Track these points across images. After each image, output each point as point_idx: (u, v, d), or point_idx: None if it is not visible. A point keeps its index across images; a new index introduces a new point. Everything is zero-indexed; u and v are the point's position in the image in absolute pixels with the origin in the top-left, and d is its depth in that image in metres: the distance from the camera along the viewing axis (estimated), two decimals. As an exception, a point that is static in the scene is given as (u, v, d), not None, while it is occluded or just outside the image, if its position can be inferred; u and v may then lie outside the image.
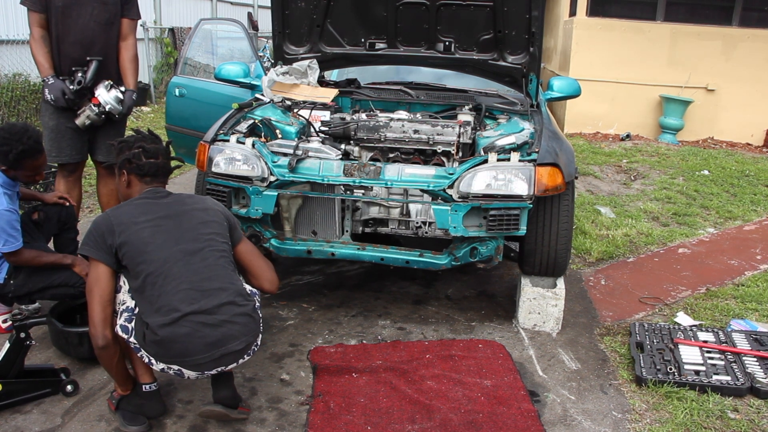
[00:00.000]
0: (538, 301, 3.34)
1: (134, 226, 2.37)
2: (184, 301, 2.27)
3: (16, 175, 2.96)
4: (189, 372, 2.31)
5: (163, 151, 2.59)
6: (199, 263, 2.35)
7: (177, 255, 2.34)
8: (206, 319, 2.27)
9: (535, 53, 3.71)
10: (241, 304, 2.36)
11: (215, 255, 2.41)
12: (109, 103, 3.64)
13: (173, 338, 2.24)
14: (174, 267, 2.32)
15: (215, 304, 2.30)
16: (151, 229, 2.37)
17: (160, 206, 2.46)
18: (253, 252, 2.66)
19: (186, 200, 2.55)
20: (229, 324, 2.31)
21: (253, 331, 2.40)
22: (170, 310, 2.26)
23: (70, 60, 3.63)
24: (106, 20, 3.68)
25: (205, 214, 2.50)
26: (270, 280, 2.64)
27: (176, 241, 2.38)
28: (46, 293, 3.06)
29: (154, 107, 9.95)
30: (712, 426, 2.61)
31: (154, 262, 2.32)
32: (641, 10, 9.18)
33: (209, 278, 2.34)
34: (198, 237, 2.41)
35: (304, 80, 4.02)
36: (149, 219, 2.40)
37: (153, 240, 2.35)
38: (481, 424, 2.54)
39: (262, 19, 13.68)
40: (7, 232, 2.84)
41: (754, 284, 4.05)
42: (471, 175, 2.98)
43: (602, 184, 6.50)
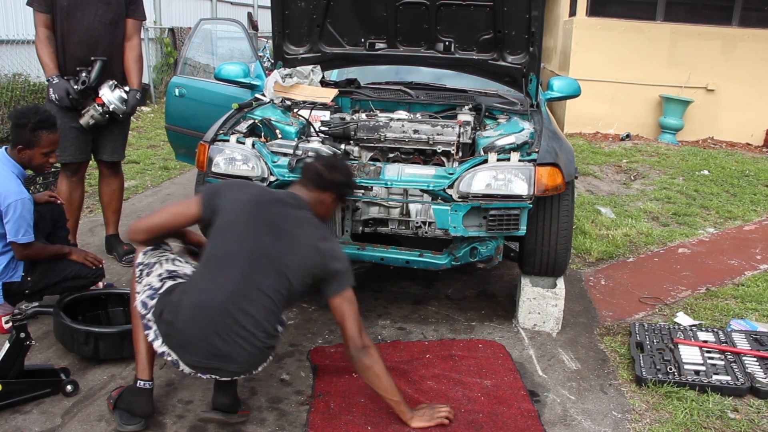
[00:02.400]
0: (538, 301, 3.34)
1: (237, 208, 2.37)
2: (215, 302, 2.25)
3: (31, 156, 3.00)
4: (184, 366, 2.30)
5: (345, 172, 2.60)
6: (255, 283, 2.28)
7: (243, 260, 2.29)
8: (222, 330, 2.24)
9: (535, 53, 3.70)
10: (260, 339, 2.30)
11: (274, 288, 2.31)
12: (113, 103, 3.66)
13: (185, 329, 2.24)
14: (231, 266, 2.29)
15: (239, 324, 2.25)
16: (245, 221, 2.35)
17: (278, 214, 2.40)
18: (343, 312, 2.41)
19: (302, 228, 2.42)
20: (239, 348, 2.26)
21: (256, 363, 2.35)
22: (197, 303, 2.25)
23: (75, 60, 3.64)
24: (110, 20, 3.69)
25: (304, 259, 2.36)
26: (351, 344, 2.41)
27: (255, 249, 2.32)
28: (60, 287, 3.16)
29: (154, 107, 9.95)
30: (712, 426, 2.61)
31: (224, 241, 2.32)
32: (641, 9, 9.18)
33: (251, 300, 2.27)
34: (275, 263, 2.32)
35: (306, 81, 4.02)
36: (258, 215, 2.37)
37: (239, 232, 2.33)
38: (481, 424, 2.54)
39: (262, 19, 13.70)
40: (27, 222, 2.93)
41: (754, 284, 4.05)
42: (471, 175, 2.98)
43: (602, 184, 6.50)
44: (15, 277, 3.03)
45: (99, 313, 3.21)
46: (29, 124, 2.93)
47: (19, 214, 2.88)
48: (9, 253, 3.00)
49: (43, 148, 3.00)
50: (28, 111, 2.98)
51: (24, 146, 2.97)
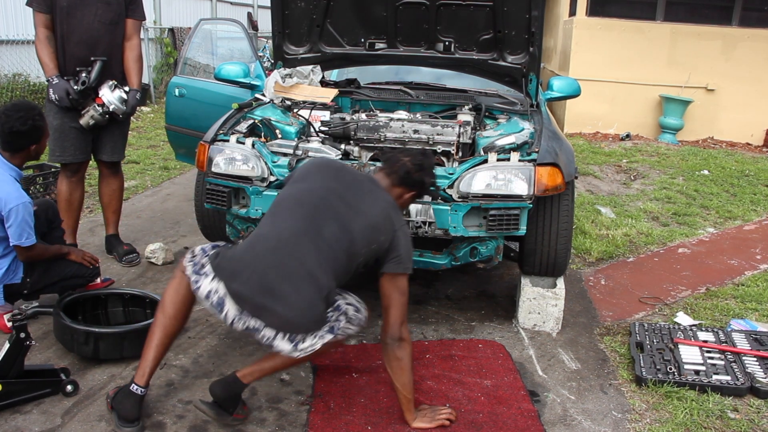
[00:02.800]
0: (538, 301, 3.34)
1: (312, 168, 2.49)
2: (273, 235, 2.27)
3: (38, 148, 3.06)
4: (228, 306, 2.20)
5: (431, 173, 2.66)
6: (318, 226, 2.28)
7: (311, 204, 2.34)
8: (277, 262, 2.21)
9: (535, 53, 3.70)
10: (317, 286, 2.23)
11: (335, 236, 2.28)
12: (113, 103, 3.66)
13: (239, 256, 2.25)
14: (297, 208, 2.33)
15: (295, 259, 2.22)
16: (318, 175, 2.43)
17: (354, 177, 2.47)
18: (392, 294, 2.39)
19: (376, 195, 2.45)
20: (291, 288, 2.19)
21: (308, 319, 2.22)
22: (256, 236, 2.29)
23: (75, 60, 3.64)
24: (110, 20, 3.69)
25: (373, 217, 2.37)
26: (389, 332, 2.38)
27: (323, 196, 2.35)
28: (58, 286, 3.19)
29: (154, 107, 9.95)
30: (712, 426, 2.61)
31: (288, 195, 2.39)
32: (641, 9, 9.18)
33: (311, 240, 2.26)
34: (342, 212, 2.33)
35: (306, 81, 4.02)
36: (329, 173, 2.45)
37: (311, 182, 2.40)
38: (481, 424, 2.54)
39: (262, 19, 13.70)
40: (30, 225, 2.95)
41: (754, 284, 4.05)
42: (471, 175, 2.99)
43: (602, 184, 6.50)
44: (15, 279, 3.04)
45: (99, 313, 3.21)
46: (36, 122, 2.98)
47: (21, 218, 2.88)
48: (10, 256, 3.00)
49: (45, 135, 3.09)
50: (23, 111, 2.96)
51: (35, 143, 3.02)
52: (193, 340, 3.15)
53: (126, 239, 4.22)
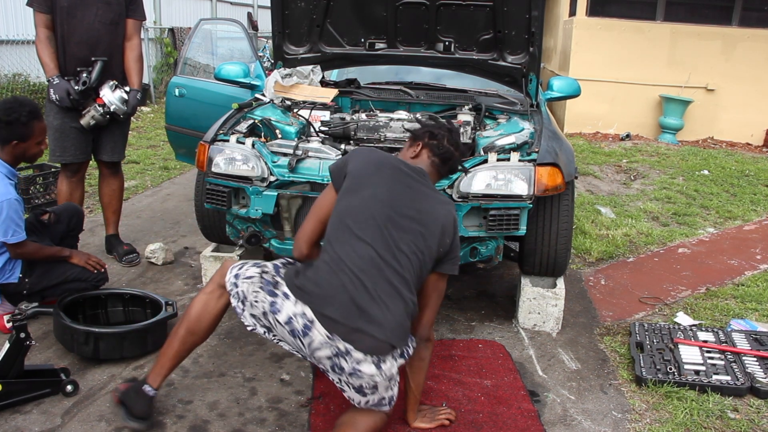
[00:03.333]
0: (538, 301, 3.34)
1: (372, 168, 2.31)
2: (357, 254, 2.15)
3: (26, 149, 3.01)
4: (315, 332, 2.11)
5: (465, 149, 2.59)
6: (394, 240, 2.18)
7: (383, 215, 2.21)
8: (368, 283, 2.12)
9: (535, 53, 3.70)
10: (405, 300, 2.17)
11: (412, 248, 2.20)
12: (113, 104, 3.67)
13: (326, 278, 2.13)
14: (370, 220, 2.20)
15: (385, 278, 2.13)
16: (383, 179, 2.28)
17: (410, 178, 2.33)
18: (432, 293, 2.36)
19: (436, 196, 2.37)
20: (384, 307, 2.11)
21: (398, 335, 2.16)
22: (338, 257, 2.15)
23: (76, 60, 3.65)
24: (111, 20, 3.70)
25: (443, 217, 2.30)
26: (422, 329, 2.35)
27: (392, 206, 2.23)
28: (59, 289, 3.16)
29: (153, 107, 9.95)
30: (712, 426, 2.61)
31: (363, 199, 2.24)
32: (641, 9, 9.19)
33: (393, 255, 2.17)
34: (413, 221, 2.24)
35: (306, 81, 4.02)
36: (391, 176, 2.30)
37: (374, 186, 2.26)
38: (481, 424, 2.54)
39: (262, 19, 13.70)
40: (15, 222, 2.91)
41: (754, 284, 4.05)
42: (471, 175, 2.98)
43: (602, 184, 6.50)
44: (12, 278, 3.03)
45: (99, 313, 3.21)
46: (21, 117, 2.93)
47: (6, 215, 2.86)
48: (5, 255, 3.00)
49: (36, 137, 3.02)
50: (14, 104, 2.96)
51: (18, 140, 2.97)
52: (193, 340, 3.15)
53: (126, 239, 4.22)
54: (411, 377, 2.41)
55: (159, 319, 3.01)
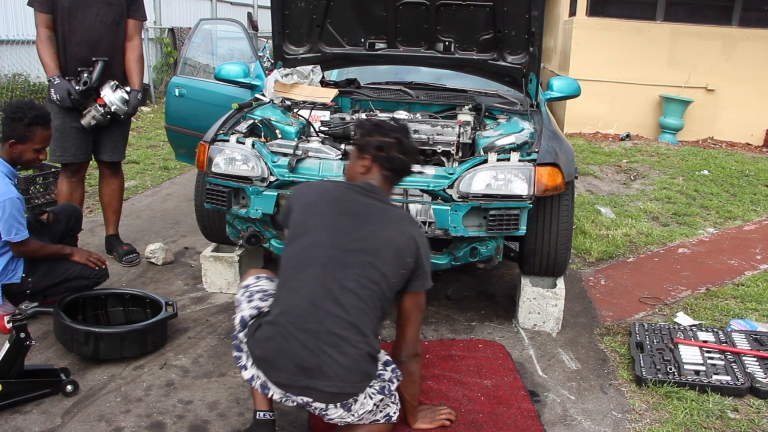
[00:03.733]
0: (538, 301, 3.34)
1: (308, 208, 2.23)
2: (295, 308, 2.08)
3: (22, 151, 3.00)
4: (273, 388, 2.13)
5: (415, 151, 2.38)
6: (338, 281, 2.09)
7: (324, 260, 2.11)
8: (308, 340, 2.05)
9: (535, 53, 3.70)
10: (354, 345, 2.07)
11: (361, 283, 2.10)
12: (114, 104, 3.67)
13: (268, 343, 2.09)
14: (311, 268, 2.11)
15: (324, 329, 2.05)
16: (321, 219, 2.19)
17: (352, 206, 2.22)
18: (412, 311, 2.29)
19: (389, 214, 2.24)
20: (328, 359, 2.04)
21: (354, 381, 2.09)
22: (278, 312, 2.11)
23: (76, 60, 3.65)
24: (111, 21, 3.71)
25: (395, 237, 2.17)
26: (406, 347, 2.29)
27: (335, 245, 2.14)
28: (62, 287, 3.16)
29: (154, 107, 9.95)
30: (712, 426, 2.61)
31: (300, 250, 2.16)
32: (641, 10, 9.18)
33: (336, 300, 2.08)
34: (359, 256, 2.12)
35: (306, 81, 4.02)
36: (330, 210, 2.21)
37: (314, 230, 2.17)
38: (481, 424, 2.54)
39: (262, 19, 13.70)
40: (18, 221, 2.92)
41: (754, 284, 4.05)
42: (471, 175, 2.98)
43: (602, 184, 6.50)
44: (15, 278, 3.03)
45: (99, 313, 3.21)
46: (25, 119, 2.93)
47: (9, 213, 2.87)
48: (7, 255, 3.00)
49: (35, 144, 3.01)
50: (23, 105, 2.98)
51: (17, 141, 2.97)
52: (193, 340, 3.15)
53: (126, 239, 4.22)
54: (403, 390, 2.38)
55: (159, 319, 3.01)
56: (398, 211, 2.33)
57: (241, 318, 2.25)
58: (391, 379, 2.26)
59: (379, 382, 2.22)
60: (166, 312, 3.05)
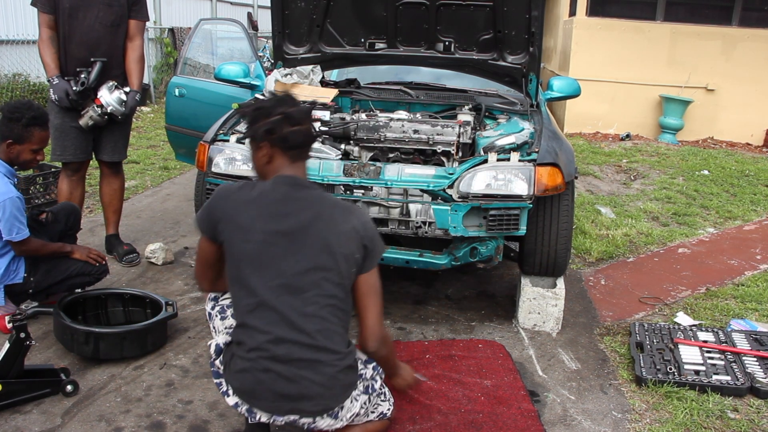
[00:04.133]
0: (538, 301, 3.34)
1: (244, 234, 2.07)
2: (265, 344, 2.03)
3: (20, 152, 3.00)
4: (258, 414, 2.10)
5: (308, 115, 2.18)
6: (295, 308, 2.03)
7: (275, 291, 2.03)
8: (282, 369, 2.02)
9: (535, 53, 3.70)
10: (328, 364, 2.05)
11: (319, 301, 2.05)
12: (110, 105, 3.68)
13: (244, 375, 2.06)
14: (266, 304, 2.03)
15: (296, 357, 2.02)
16: (259, 246, 2.05)
17: (286, 213, 2.08)
18: (368, 293, 2.18)
19: (324, 211, 2.10)
20: (307, 381, 2.03)
21: (334, 397, 2.08)
22: (250, 348, 2.05)
23: (76, 61, 3.66)
24: (111, 22, 3.71)
25: (337, 241, 2.06)
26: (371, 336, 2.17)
27: (281, 272, 2.03)
28: (64, 285, 3.17)
29: (154, 107, 9.95)
30: (712, 426, 2.61)
31: (248, 288, 2.05)
32: (641, 10, 9.19)
33: (299, 329, 2.03)
34: (309, 273, 2.04)
35: (306, 81, 4.02)
36: (265, 230, 2.06)
37: (257, 263, 2.05)
38: (481, 424, 2.54)
39: (262, 19, 13.70)
40: (19, 220, 2.92)
41: (754, 284, 4.05)
42: (471, 175, 2.98)
43: (602, 184, 6.50)
44: (17, 278, 3.03)
45: (99, 313, 3.21)
46: (23, 119, 2.94)
47: (9, 213, 2.87)
48: (8, 255, 3.00)
49: (33, 144, 3.01)
50: (21, 106, 2.98)
51: (14, 141, 2.97)
52: (193, 340, 3.15)
53: (126, 239, 4.22)
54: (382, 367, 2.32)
55: (159, 319, 3.01)
56: (329, 202, 2.16)
57: (216, 346, 2.21)
58: (374, 377, 2.25)
59: (362, 382, 2.21)
60: (166, 312, 3.05)
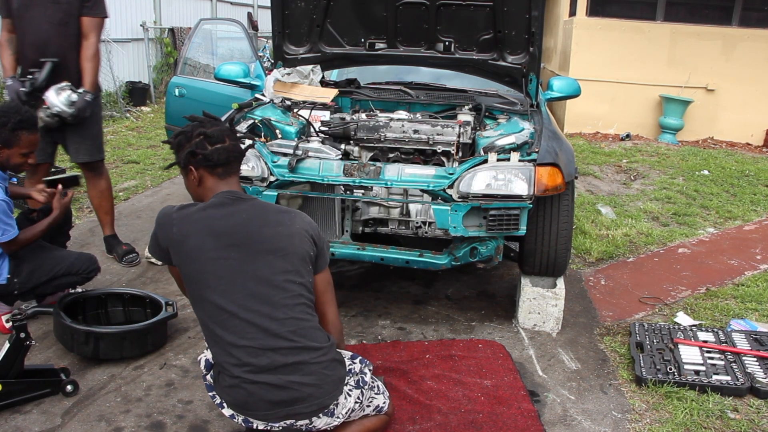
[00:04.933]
0: (538, 301, 3.34)
1: (195, 254, 2.08)
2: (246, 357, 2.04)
3: (9, 156, 2.99)
4: (255, 423, 2.13)
5: (228, 132, 2.23)
6: (266, 315, 2.06)
7: (242, 303, 2.05)
8: (270, 379, 2.04)
9: (535, 53, 3.70)
10: (313, 362, 2.08)
11: (287, 303, 2.08)
12: (56, 106, 3.53)
13: (234, 389, 2.09)
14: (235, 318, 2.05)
15: (280, 363, 2.05)
16: (214, 264, 2.07)
17: (232, 225, 2.10)
18: (326, 290, 2.27)
19: (270, 217, 2.15)
20: (296, 384, 2.06)
21: (326, 394, 2.10)
22: (233, 365, 2.06)
23: (29, 61, 3.63)
24: (59, 21, 3.61)
25: (290, 242, 2.12)
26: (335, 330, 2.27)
27: (243, 284, 2.06)
28: (51, 285, 3.15)
29: (154, 107, 9.96)
30: (712, 426, 2.61)
31: (213, 307, 2.07)
32: (641, 10, 9.18)
33: (275, 335, 2.05)
34: (271, 278, 2.08)
35: (306, 81, 4.02)
36: (216, 247, 2.08)
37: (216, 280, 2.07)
38: (481, 424, 2.54)
39: (262, 19, 13.69)
40: (4, 221, 2.91)
41: (754, 284, 4.05)
42: (471, 175, 2.98)
43: (602, 184, 6.50)
44: (0, 280, 3.02)
45: (99, 313, 3.21)
46: (9, 123, 2.92)
47: None
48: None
49: (22, 148, 3.00)
50: (9, 110, 2.96)
51: (2, 145, 2.96)
52: (193, 340, 3.15)
53: (126, 239, 4.22)
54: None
55: (159, 319, 3.01)
56: (272, 208, 2.22)
57: (205, 361, 2.23)
58: (363, 371, 2.27)
59: (352, 377, 2.23)
60: (166, 312, 3.05)
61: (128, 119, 8.95)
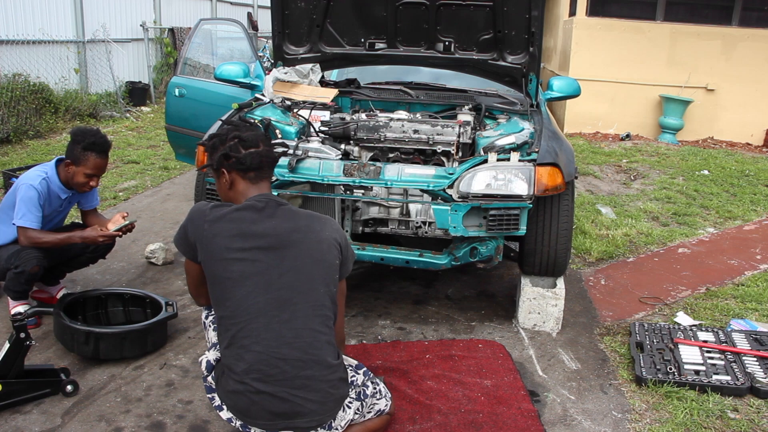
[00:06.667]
0: (538, 301, 3.34)
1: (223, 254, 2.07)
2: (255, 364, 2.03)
3: (75, 173, 3.12)
4: (254, 429, 2.12)
5: (263, 138, 2.23)
6: (285, 322, 2.04)
7: (262, 307, 2.04)
8: (275, 390, 2.03)
9: (535, 53, 3.70)
10: (322, 379, 2.06)
11: (308, 312, 2.07)
12: None
13: (238, 396, 2.07)
14: (254, 321, 2.04)
15: (289, 375, 2.03)
16: (241, 264, 2.06)
17: (263, 229, 2.10)
18: (339, 300, 2.24)
19: (300, 223, 2.13)
20: (300, 399, 2.04)
21: (328, 411, 2.09)
22: (242, 370, 2.05)
23: None
24: None
25: (318, 249, 2.11)
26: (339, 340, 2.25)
27: (267, 287, 2.05)
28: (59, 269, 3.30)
29: (154, 107, 9.96)
30: (712, 426, 2.61)
31: (235, 307, 2.05)
32: (641, 9, 9.19)
33: (290, 344, 2.04)
34: (296, 285, 2.06)
35: (306, 81, 4.02)
36: (244, 248, 2.07)
37: (241, 281, 2.05)
38: (481, 424, 2.54)
39: (262, 19, 13.69)
40: (27, 206, 3.04)
41: (754, 284, 4.05)
42: (471, 175, 2.98)
43: (602, 184, 6.50)
44: None
45: (99, 313, 3.21)
46: (82, 143, 3.08)
47: (21, 196, 3.03)
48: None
49: (87, 168, 3.13)
50: (87, 131, 3.13)
51: (71, 162, 3.11)
52: (193, 340, 3.15)
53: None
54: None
55: (159, 320, 3.01)
56: (303, 214, 2.20)
57: (207, 363, 2.22)
58: (365, 383, 2.26)
59: (354, 389, 2.21)
60: (166, 312, 3.05)
61: (128, 119, 8.95)
